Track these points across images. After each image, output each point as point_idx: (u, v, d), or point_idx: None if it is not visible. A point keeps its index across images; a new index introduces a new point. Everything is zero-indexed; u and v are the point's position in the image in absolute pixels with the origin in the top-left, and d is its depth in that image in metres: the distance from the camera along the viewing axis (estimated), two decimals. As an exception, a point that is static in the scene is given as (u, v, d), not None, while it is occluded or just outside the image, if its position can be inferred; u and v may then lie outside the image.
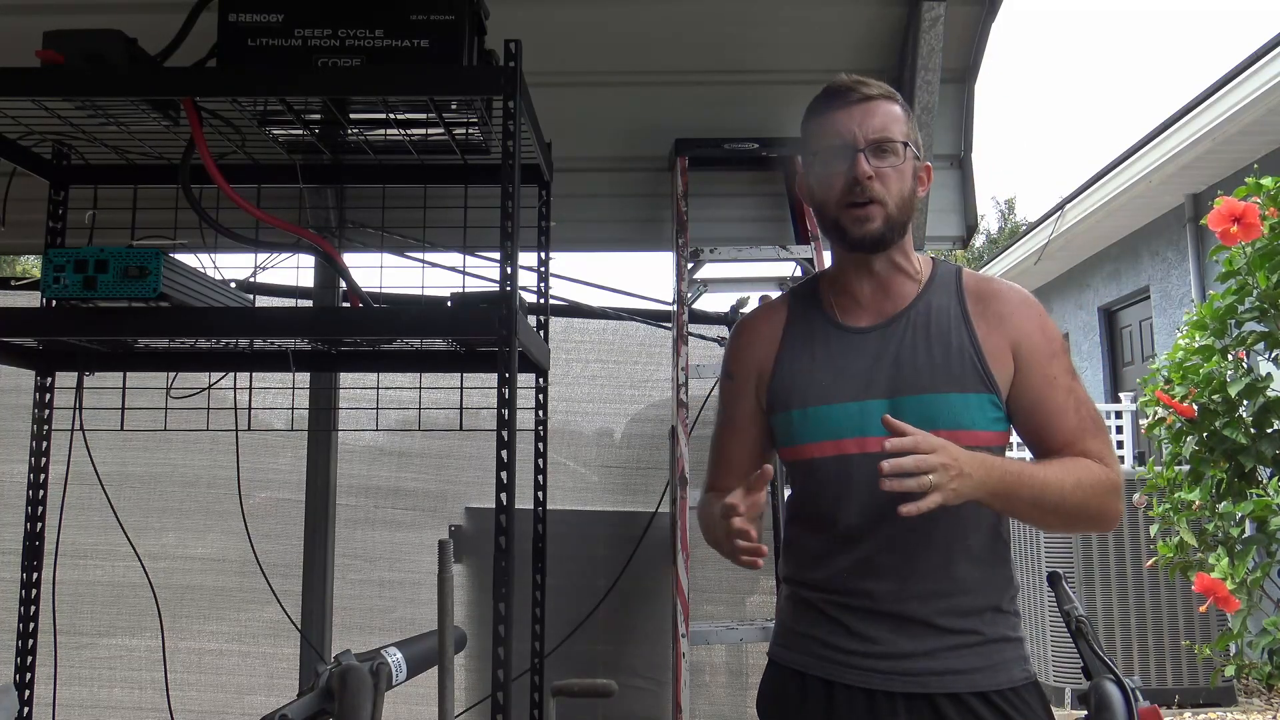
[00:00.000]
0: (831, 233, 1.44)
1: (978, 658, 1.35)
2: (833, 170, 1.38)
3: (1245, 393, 3.33)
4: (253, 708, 2.91)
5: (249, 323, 1.96)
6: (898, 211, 1.39)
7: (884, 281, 1.45)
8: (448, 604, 1.30)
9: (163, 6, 1.99)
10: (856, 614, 1.38)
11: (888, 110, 1.40)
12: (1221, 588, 3.18)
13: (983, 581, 1.38)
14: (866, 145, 1.37)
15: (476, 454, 2.97)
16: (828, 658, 1.39)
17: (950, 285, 1.45)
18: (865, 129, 1.37)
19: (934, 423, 1.33)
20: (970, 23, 2.46)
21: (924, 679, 1.34)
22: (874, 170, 1.36)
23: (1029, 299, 1.45)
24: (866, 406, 1.38)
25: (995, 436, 1.39)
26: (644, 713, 2.78)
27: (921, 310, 1.43)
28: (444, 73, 1.82)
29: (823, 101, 1.43)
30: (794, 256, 2.64)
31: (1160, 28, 55.29)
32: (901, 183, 1.39)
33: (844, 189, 1.37)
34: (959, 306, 1.42)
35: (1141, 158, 6.93)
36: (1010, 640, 1.38)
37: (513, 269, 1.76)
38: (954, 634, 1.35)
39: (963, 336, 1.40)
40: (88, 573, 2.90)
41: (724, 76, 2.58)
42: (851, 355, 1.43)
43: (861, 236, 1.39)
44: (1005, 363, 1.39)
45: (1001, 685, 1.34)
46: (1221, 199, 3.17)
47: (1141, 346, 8.55)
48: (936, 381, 1.37)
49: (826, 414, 1.41)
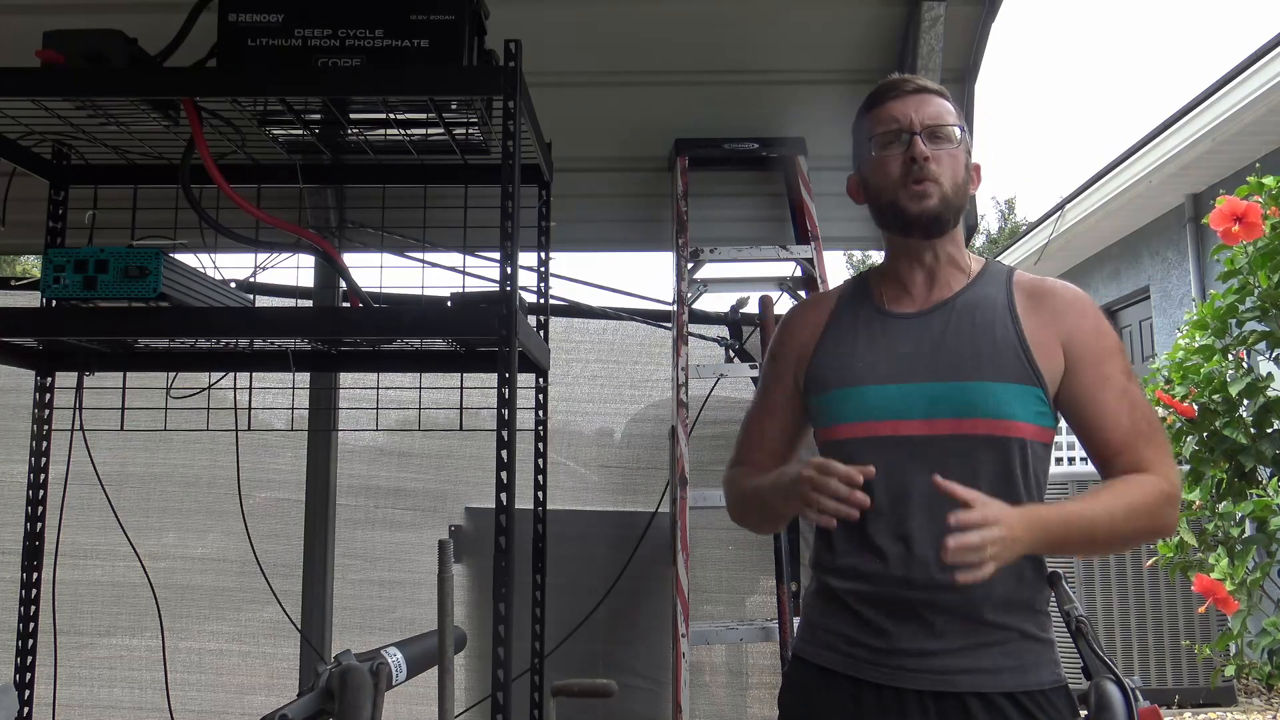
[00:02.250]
0: (888, 216, 1.43)
1: (1006, 657, 1.33)
2: (889, 154, 1.41)
3: (1246, 392, 3.33)
4: (253, 708, 2.91)
5: (249, 323, 1.96)
6: (954, 195, 1.40)
7: (934, 272, 1.45)
8: (448, 604, 1.30)
9: (163, 6, 1.99)
10: (884, 607, 1.36)
11: (941, 102, 1.43)
12: (1220, 589, 3.18)
13: (1016, 577, 1.35)
14: (923, 130, 1.39)
15: (476, 454, 2.98)
16: (856, 655, 1.38)
17: (1000, 280, 1.45)
18: (921, 115, 1.40)
19: (974, 410, 1.33)
20: (970, 23, 2.46)
21: (952, 677, 1.32)
22: (930, 153, 1.38)
23: (1085, 297, 1.44)
24: (905, 390, 1.37)
25: (1038, 431, 1.37)
26: (644, 713, 2.78)
27: (968, 299, 1.43)
28: (444, 73, 1.82)
29: (877, 95, 1.46)
30: (794, 256, 2.64)
31: (1160, 28, 55.30)
32: (956, 168, 1.41)
33: (902, 170, 1.39)
34: (1007, 299, 1.42)
35: (1141, 158, 6.92)
36: (1041, 641, 1.36)
37: (513, 269, 1.76)
38: (986, 628, 1.33)
39: (1008, 328, 1.39)
40: (88, 573, 2.90)
41: (724, 76, 2.58)
42: (894, 339, 1.42)
43: (920, 213, 1.39)
44: (1054, 358, 1.37)
45: (1030, 687, 1.32)
46: (1223, 198, 3.17)
47: (1141, 346, 8.55)
48: (980, 369, 1.36)
49: (864, 395, 1.40)
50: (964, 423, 1.35)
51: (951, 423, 1.35)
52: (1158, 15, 54.09)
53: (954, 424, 1.35)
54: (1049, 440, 1.40)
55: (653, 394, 3.08)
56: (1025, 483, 1.36)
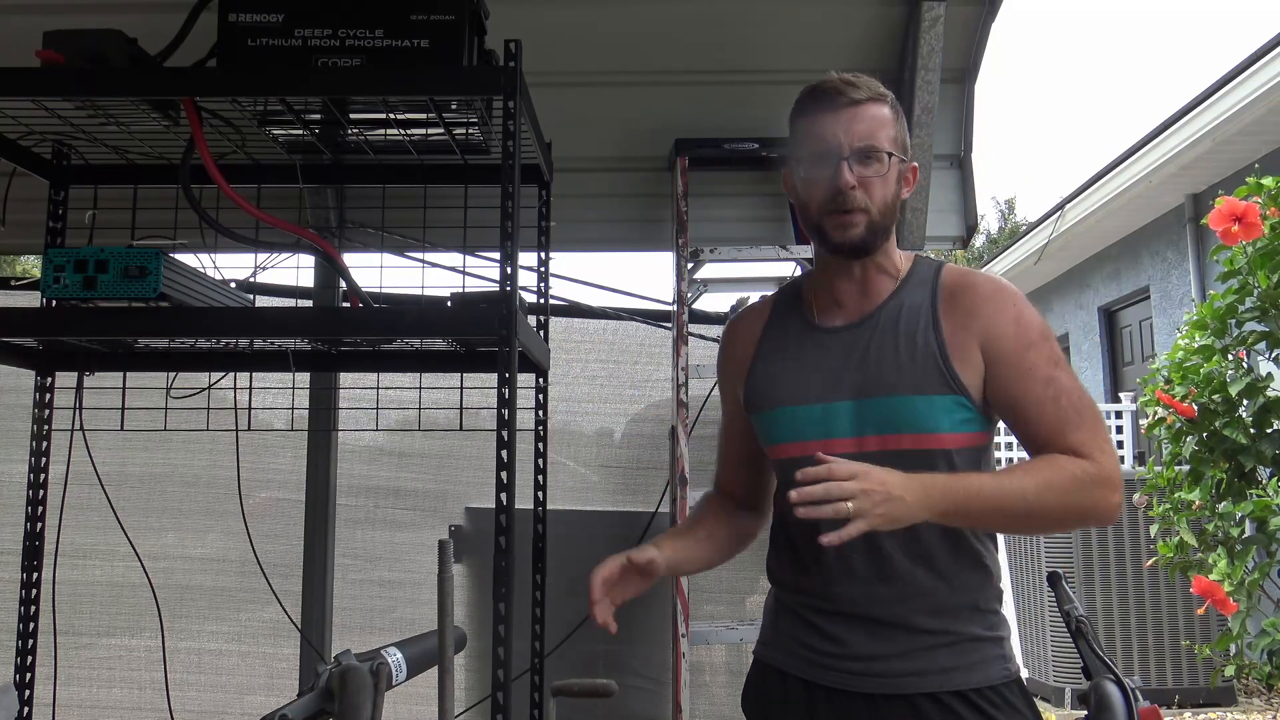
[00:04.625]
0: (814, 235, 1.43)
1: (953, 657, 1.34)
2: (817, 176, 1.37)
3: (1245, 392, 3.33)
4: (253, 708, 2.91)
5: (249, 323, 1.96)
6: (880, 218, 1.37)
7: (863, 282, 1.43)
8: (448, 604, 1.30)
9: (163, 6, 1.99)
10: (830, 617, 1.38)
11: (875, 114, 1.37)
12: (1219, 590, 3.18)
13: (956, 580, 1.36)
14: (851, 153, 1.34)
15: (476, 454, 2.97)
16: (807, 659, 1.40)
17: (927, 282, 1.42)
18: (851, 136, 1.35)
19: (897, 426, 1.33)
20: (970, 23, 2.46)
21: (900, 680, 1.33)
22: (858, 178, 1.34)
23: (1003, 289, 1.39)
24: (831, 408, 1.37)
25: (966, 438, 1.35)
26: (644, 713, 2.78)
27: (893, 309, 1.41)
28: (444, 73, 1.82)
29: (810, 102, 1.40)
30: (794, 256, 2.64)
31: (1160, 28, 55.28)
32: (885, 189, 1.37)
33: (827, 196, 1.36)
34: (930, 304, 1.39)
35: (1141, 158, 6.93)
36: (987, 639, 1.36)
37: (513, 269, 1.76)
38: (928, 634, 1.34)
39: (929, 336, 1.36)
40: (87, 573, 2.90)
41: (724, 76, 2.58)
42: (822, 355, 1.42)
43: (842, 243, 1.38)
44: (973, 361, 1.34)
45: (980, 684, 1.33)
46: (1223, 198, 3.17)
47: (1141, 346, 8.55)
48: (901, 383, 1.34)
49: (794, 415, 1.40)
50: (889, 439, 1.34)
51: (878, 439, 1.35)
52: (1158, 16, 54.07)
53: (880, 440, 1.35)
54: (981, 443, 1.38)
55: (653, 394, 3.08)
56: None
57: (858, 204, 1.35)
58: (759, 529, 1.61)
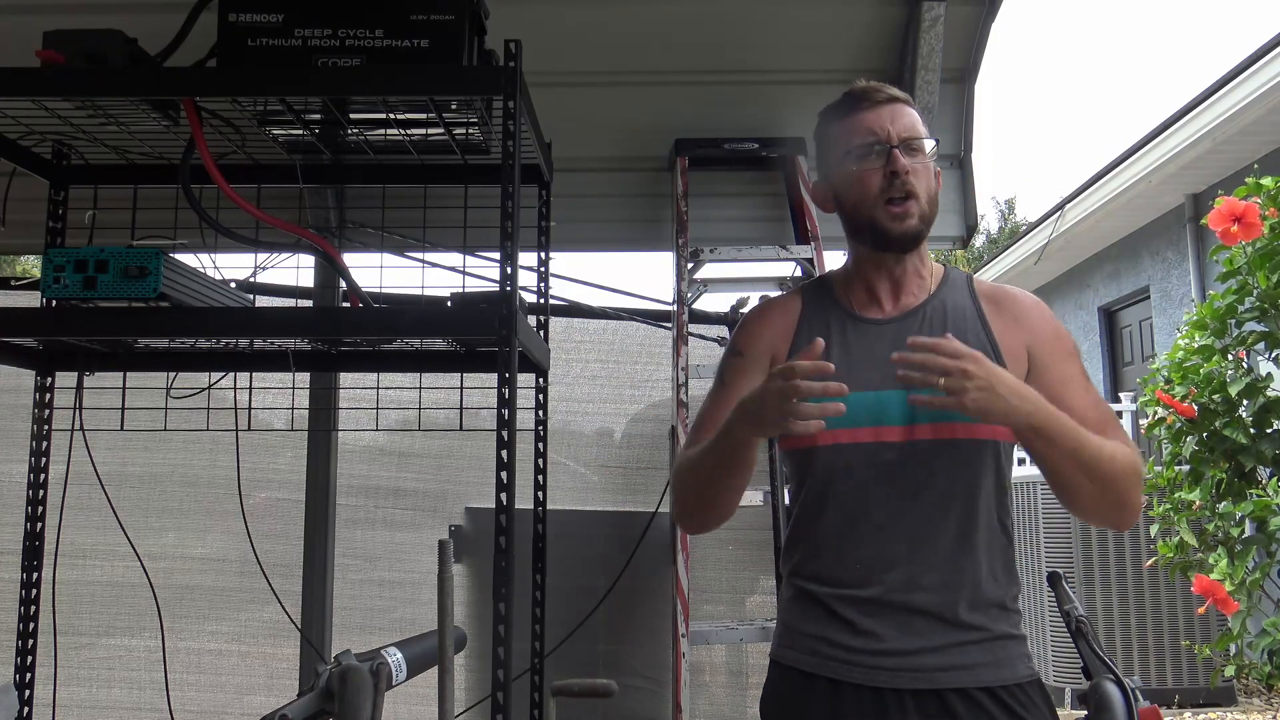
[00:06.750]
0: (865, 232, 1.43)
1: (984, 653, 1.35)
2: (867, 167, 1.39)
3: (1245, 393, 3.33)
4: (253, 708, 2.91)
5: (249, 323, 1.96)
6: (929, 208, 1.41)
7: (900, 281, 1.46)
8: (448, 604, 1.30)
9: (163, 6, 1.99)
10: (864, 608, 1.37)
11: (911, 112, 1.43)
12: (1220, 589, 3.19)
13: (990, 577, 1.38)
14: (900, 142, 1.39)
15: (476, 454, 2.97)
16: (834, 657, 1.38)
17: (963, 287, 1.48)
18: (897, 126, 1.39)
19: (950, 416, 1.33)
20: (970, 23, 2.46)
21: (932, 674, 1.34)
22: (909, 166, 1.38)
23: (1040, 302, 1.49)
24: (883, 396, 1.38)
25: (1010, 432, 1.38)
26: (644, 713, 2.78)
27: (937, 306, 1.45)
28: (444, 73, 1.82)
29: (847, 104, 1.44)
30: (794, 256, 2.64)
31: (1160, 28, 55.29)
32: (930, 181, 1.41)
33: (882, 185, 1.38)
34: (974, 306, 1.45)
35: (1141, 158, 6.93)
36: (1014, 637, 1.39)
37: (513, 269, 1.76)
38: (962, 628, 1.35)
39: (980, 334, 1.41)
40: (87, 572, 2.90)
41: (724, 76, 2.58)
42: (871, 344, 1.43)
43: (902, 234, 1.40)
44: (1020, 362, 1.40)
45: (1007, 681, 1.35)
46: (1222, 199, 3.17)
47: (1141, 346, 8.55)
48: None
49: (845, 401, 1.39)
50: (941, 427, 1.36)
51: (930, 428, 1.37)
52: (1158, 15, 54.05)
53: (933, 429, 1.37)
54: (1016, 441, 1.41)
55: (653, 394, 3.08)
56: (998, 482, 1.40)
57: (913, 189, 1.38)
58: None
